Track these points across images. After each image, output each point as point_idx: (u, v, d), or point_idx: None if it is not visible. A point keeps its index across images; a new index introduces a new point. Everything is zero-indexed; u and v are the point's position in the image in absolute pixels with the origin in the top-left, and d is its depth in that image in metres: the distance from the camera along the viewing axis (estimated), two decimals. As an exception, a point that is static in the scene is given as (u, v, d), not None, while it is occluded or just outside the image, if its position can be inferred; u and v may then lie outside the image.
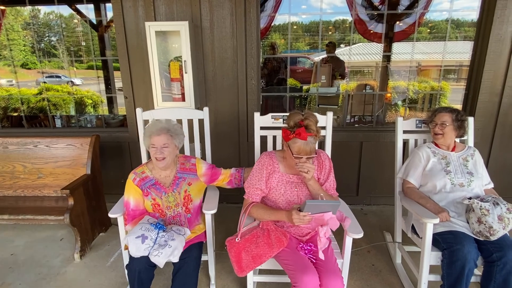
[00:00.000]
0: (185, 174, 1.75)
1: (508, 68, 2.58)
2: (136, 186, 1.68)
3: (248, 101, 2.77)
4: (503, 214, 1.60)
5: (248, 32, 2.61)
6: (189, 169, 1.77)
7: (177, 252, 1.51)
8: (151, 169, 1.74)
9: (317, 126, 1.51)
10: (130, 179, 1.71)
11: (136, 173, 1.71)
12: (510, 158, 2.80)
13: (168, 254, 1.49)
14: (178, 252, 1.52)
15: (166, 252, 1.48)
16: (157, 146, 1.62)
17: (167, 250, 1.49)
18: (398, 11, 4.57)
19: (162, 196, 1.68)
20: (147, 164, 1.77)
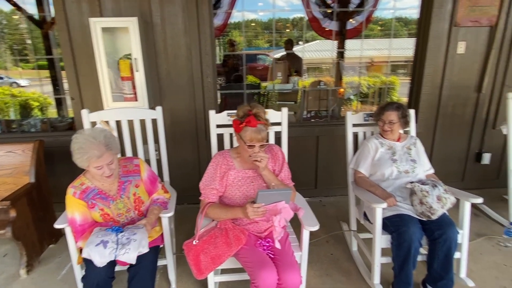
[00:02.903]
0: (130, 176, 1.66)
1: (446, 63, 2.80)
2: (79, 199, 1.55)
3: (205, 99, 2.73)
4: (441, 195, 1.74)
5: (201, 29, 2.57)
6: (133, 171, 1.68)
7: (144, 242, 1.47)
8: (91, 179, 1.60)
9: (265, 115, 1.55)
10: (69, 194, 1.55)
11: (75, 187, 1.56)
12: (451, 146, 3.05)
13: (136, 246, 1.43)
14: (146, 242, 1.48)
15: (134, 245, 1.43)
16: (102, 166, 1.49)
17: (133, 244, 1.43)
18: (349, 9, 4.75)
19: (110, 205, 1.59)
20: (85, 174, 1.61)
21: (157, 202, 1.75)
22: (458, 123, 2.99)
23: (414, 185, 1.81)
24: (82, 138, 1.46)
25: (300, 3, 4.46)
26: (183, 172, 2.86)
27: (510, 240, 2.35)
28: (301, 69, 4.16)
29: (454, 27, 2.70)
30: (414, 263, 1.73)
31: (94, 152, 1.44)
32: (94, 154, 1.44)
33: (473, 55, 2.80)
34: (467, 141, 3.05)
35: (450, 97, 2.89)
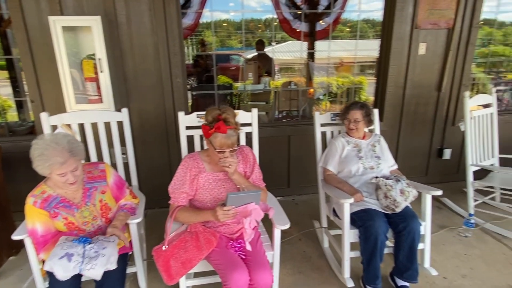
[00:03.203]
0: (95, 182, 1.59)
1: (408, 64, 2.93)
2: (40, 209, 1.45)
3: (174, 100, 2.68)
4: (404, 188, 1.82)
5: (169, 29, 2.52)
6: (98, 177, 1.60)
7: (113, 258, 1.40)
8: (53, 186, 1.50)
9: (235, 119, 1.53)
10: (29, 203, 1.45)
11: (36, 195, 1.46)
12: (414, 142, 3.20)
13: (104, 263, 1.36)
14: (115, 258, 1.41)
15: (102, 261, 1.36)
16: (66, 173, 1.40)
17: (101, 259, 1.36)
18: (318, 10, 4.85)
19: (75, 213, 1.51)
20: (46, 181, 1.52)
21: (124, 208, 1.68)
22: (420, 121, 3.14)
23: (379, 179, 1.89)
24: (43, 143, 1.37)
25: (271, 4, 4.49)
26: (154, 175, 2.80)
27: (469, 230, 2.50)
28: (272, 70, 4.19)
29: (415, 29, 2.83)
30: (381, 256, 1.80)
31: (57, 159, 1.35)
32: (57, 161, 1.35)
33: (433, 56, 2.95)
34: (429, 138, 3.21)
35: (413, 96, 3.03)
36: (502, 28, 7.71)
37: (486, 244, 2.38)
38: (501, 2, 3.40)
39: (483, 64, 5.04)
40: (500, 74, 5.86)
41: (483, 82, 5.18)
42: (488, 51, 4.61)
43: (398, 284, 1.88)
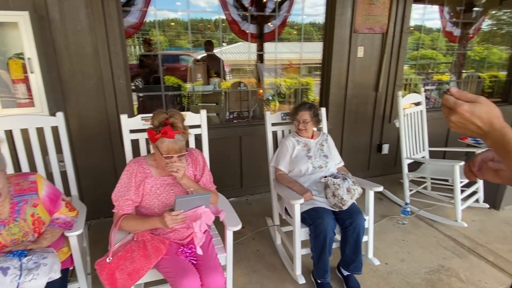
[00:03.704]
0: (25, 195, 1.42)
1: (348, 65, 3.12)
2: None
3: (117, 103, 2.53)
4: (350, 186, 1.92)
5: (109, 27, 2.37)
6: (28, 189, 1.44)
7: (57, 266, 1.30)
8: None
9: (183, 124, 1.49)
10: None
11: None
12: (357, 139, 3.42)
13: (47, 272, 1.26)
14: (58, 266, 1.31)
15: (44, 270, 1.25)
16: None
17: (43, 269, 1.25)
18: (265, 13, 4.94)
19: (1, 231, 1.35)
20: None
21: (55, 223, 1.53)
22: (361, 119, 3.36)
23: (327, 179, 1.97)
24: None
25: (219, 5, 4.47)
26: (98, 183, 2.62)
27: (406, 218, 2.74)
28: (221, 71, 4.18)
29: (354, 33, 3.03)
30: (330, 251, 1.88)
31: None
32: None
33: (370, 58, 3.18)
34: (370, 134, 3.46)
35: (354, 96, 3.24)
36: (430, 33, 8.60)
37: (420, 229, 2.63)
38: (426, 10, 3.79)
39: (414, 66, 5.57)
40: (429, 75, 6.53)
41: (415, 83, 5.73)
42: (419, 54, 5.07)
43: (345, 274, 2.00)
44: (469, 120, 0.62)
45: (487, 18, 4.92)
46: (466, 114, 0.62)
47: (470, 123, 0.62)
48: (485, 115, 0.61)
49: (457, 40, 4.91)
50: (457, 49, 4.96)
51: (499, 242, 2.43)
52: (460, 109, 0.62)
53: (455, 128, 0.65)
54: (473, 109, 0.61)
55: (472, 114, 0.61)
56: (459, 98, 0.63)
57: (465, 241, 2.45)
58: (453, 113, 0.63)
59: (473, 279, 2.05)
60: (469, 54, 5.08)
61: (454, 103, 0.63)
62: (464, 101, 0.62)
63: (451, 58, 5.53)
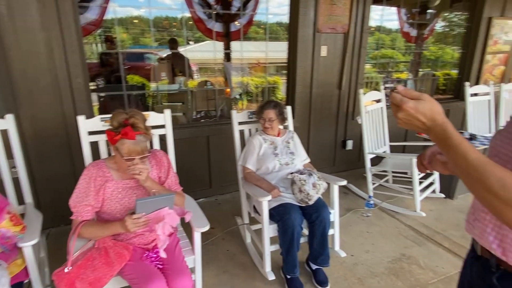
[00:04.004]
0: None
1: (313, 64, 3.19)
2: None
3: (75, 103, 2.40)
4: (315, 182, 1.97)
5: (64, 23, 2.24)
6: None
7: (4, 280, 1.21)
8: None
9: (145, 124, 1.45)
10: None
11: None
12: (323, 136, 3.51)
13: None
14: (6, 279, 1.22)
15: None
16: None
17: None
18: (231, 11, 4.92)
19: None
20: None
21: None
22: (326, 116, 3.46)
23: (294, 175, 2.01)
24: None
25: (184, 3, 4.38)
26: (56, 189, 2.47)
27: (370, 210, 2.86)
28: (186, 69, 4.09)
29: (317, 33, 3.10)
30: (298, 246, 1.92)
31: None
32: None
33: (333, 57, 3.27)
34: (335, 131, 3.56)
35: (319, 94, 3.32)
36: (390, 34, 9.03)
37: (383, 220, 2.76)
38: (385, 12, 3.97)
39: (375, 65, 5.81)
40: (389, 73, 6.86)
41: (376, 81, 5.99)
42: (380, 54, 5.29)
43: (313, 268, 2.05)
44: (414, 116, 0.65)
45: (440, 20, 5.25)
46: (411, 111, 0.65)
47: (415, 119, 0.66)
48: (428, 111, 0.65)
49: (414, 40, 5.20)
50: (414, 49, 5.25)
51: (454, 229, 2.61)
52: (406, 106, 0.65)
53: (402, 124, 0.69)
54: (417, 106, 0.65)
55: (416, 111, 0.65)
56: (405, 96, 0.66)
57: (423, 230, 2.60)
58: (399, 110, 0.67)
59: (431, 265, 2.19)
60: (426, 53, 5.40)
61: (400, 101, 0.66)
62: (409, 99, 0.66)
63: (409, 57, 5.84)
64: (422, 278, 2.07)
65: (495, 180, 0.58)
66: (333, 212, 2.09)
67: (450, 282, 2.03)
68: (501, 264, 0.76)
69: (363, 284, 2.01)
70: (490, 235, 0.76)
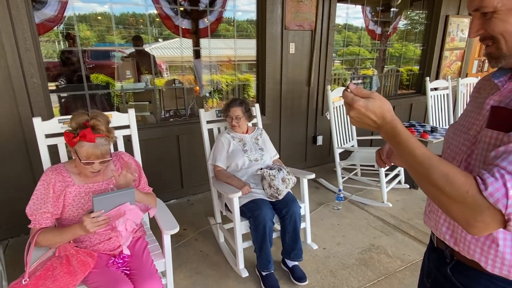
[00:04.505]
0: None
1: (282, 62, 3.21)
2: None
3: (32, 105, 2.26)
4: (285, 177, 2.00)
5: (16, 19, 2.09)
6: None
7: None
8: None
9: (107, 126, 1.38)
10: None
11: None
12: (294, 132, 3.55)
13: None
14: None
15: None
16: None
17: None
18: (199, 8, 4.83)
19: None
20: None
21: None
22: (297, 113, 3.50)
23: (263, 171, 2.02)
24: None
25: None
26: (14, 197, 2.32)
27: (340, 203, 2.93)
28: (152, 67, 3.96)
29: (285, 30, 3.12)
30: (271, 241, 1.93)
31: None
32: None
33: (301, 54, 3.31)
34: (305, 127, 3.62)
35: (289, 91, 3.35)
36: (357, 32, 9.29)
37: (353, 213, 2.84)
38: (352, 10, 4.08)
39: (343, 62, 5.95)
40: (357, 70, 7.06)
41: (344, 77, 6.14)
42: (348, 51, 5.43)
43: (290, 266, 2.05)
44: (365, 114, 0.67)
45: (402, 18, 5.47)
46: (362, 109, 0.66)
47: (366, 117, 0.67)
48: (378, 109, 0.66)
49: (379, 38, 5.38)
50: (379, 46, 5.44)
51: (418, 218, 2.73)
52: (356, 105, 0.66)
53: (354, 122, 0.70)
54: (368, 104, 0.66)
55: (367, 109, 0.66)
56: (356, 95, 0.67)
57: (391, 220, 2.71)
58: (351, 108, 0.68)
59: (398, 254, 2.28)
60: (390, 50, 5.60)
61: (351, 99, 0.67)
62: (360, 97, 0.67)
63: (375, 54, 6.04)
64: (390, 266, 2.15)
65: (440, 175, 0.59)
66: (303, 206, 2.13)
67: (416, 269, 2.13)
68: (455, 254, 0.79)
69: (335, 276, 2.06)
70: (443, 226, 0.79)
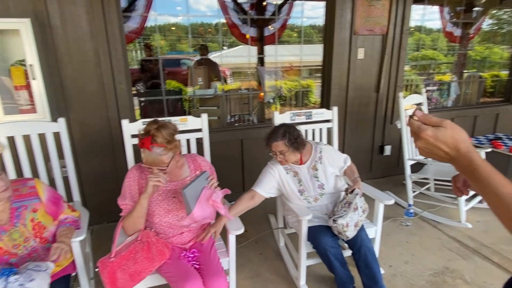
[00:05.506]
0: (25, 201, 1.43)
1: (349, 67, 3.12)
2: None
3: (119, 108, 2.54)
4: (359, 219, 1.74)
5: (110, 33, 2.39)
6: (27, 194, 1.45)
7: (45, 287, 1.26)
8: None
9: (169, 137, 1.46)
10: None
11: None
12: (359, 140, 3.41)
13: None
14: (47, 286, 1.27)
15: None
16: None
17: None
18: (265, 16, 4.96)
19: (3, 237, 1.36)
20: None
21: (66, 222, 1.56)
22: (363, 120, 3.35)
23: (337, 225, 1.68)
24: None
25: (219, 9, 4.51)
26: (101, 188, 2.63)
27: (409, 219, 2.72)
28: (218, 74, 4.19)
29: (354, 35, 3.03)
30: (341, 263, 1.78)
31: None
32: None
33: (371, 60, 3.18)
34: (371, 136, 3.44)
35: (355, 97, 3.23)
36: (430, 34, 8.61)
37: (424, 231, 2.61)
38: (426, 11, 3.79)
39: (415, 67, 5.55)
40: (430, 75, 6.52)
41: (416, 83, 5.72)
42: (420, 55, 5.07)
43: None
44: (434, 145, 0.59)
45: (487, 18, 4.92)
46: (430, 139, 0.59)
47: (436, 149, 0.59)
48: (450, 139, 0.58)
49: (458, 40, 4.91)
50: (458, 49, 4.95)
51: (504, 243, 2.40)
52: (424, 134, 0.59)
53: (423, 153, 0.62)
54: (437, 134, 0.58)
55: (436, 139, 0.58)
56: (424, 122, 0.60)
57: (469, 242, 2.43)
58: (418, 138, 0.60)
59: (478, 281, 2.03)
60: (470, 53, 5.07)
61: (418, 128, 0.60)
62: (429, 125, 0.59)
63: (452, 58, 5.52)
64: (468, 294, 1.93)
65: None
66: (375, 229, 1.97)
67: (501, 300, 1.87)
68: None
69: (403, 296, 1.91)
70: None
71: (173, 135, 1.49)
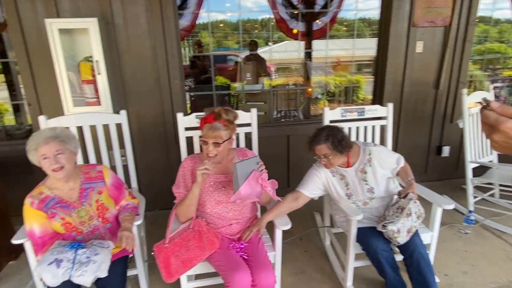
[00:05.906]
0: (92, 183, 1.59)
1: (406, 61, 2.93)
2: (37, 210, 1.45)
3: (173, 102, 2.67)
4: (412, 225, 1.64)
5: (166, 30, 2.51)
6: (95, 177, 1.61)
7: (104, 266, 1.38)
8: (50, 187, 1.51)
9: (230, 118, 1.56)
10: (27, 204, 1.45)
11: (33, 196, 1.47)
12: (414, 140, 3.20)
13: (94, 270, 1.35)
14: (106, 265, 1.39)
15: (92, 268, 1.34)
16: (49, 155, 1.41)
17: (92, 266, 1.35)
18: (314, 10, 4.85)
19: (72, 213, 1.51)
20: (45, 182, 1.53)
21: (127, 208, 1.69)
22: (419, 118, 3.14)
23: (387, 231, 1.63)
24: (36, 133, 1.47)
25: (267, 4, 4.50)
26: (154, 177, 2.79)
27: (469, 227, 2.51)
28: (266, 70, 4.18)
29: (412, 28, 2.84)
30: (393, 267, 1.71)
31: (39, 141, 1.42)
32: (38, 143, 1.41)
33: (430, 53, 2.95)
34: (428, 135, 3.21)
35: (411, 94, 3.04)
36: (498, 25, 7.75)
37: (486, 240, 2.39)
38: (489, 1, 3.42)
39: (479, 62, 5.05)
40: (496, 71, 5.88)
41: (480, 80, 5.20)
42: (484, 48, 4.62)
43: None
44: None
45: None
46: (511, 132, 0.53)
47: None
48: None
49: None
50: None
51: None
52: (504, 127, 0.53)
53: (499, 148, 0.56)
54: None
55: None
56: (502, 114, 0.54)
57: (542, 257, 2.17)
58: (495, 131, 0.55)
59: (552, 301, 1.81)
60: (548, 46, 4.49)
61: (496, 120, 0.54)
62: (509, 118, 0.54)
63: (524, 51, 4.94)
64: (540, 314, 1.73)
65: None
66: (431, 235, 1.84)
67: None
68: None
69: (460, 309, 1.77)
70: None
71: (234, 118, 1.59)
